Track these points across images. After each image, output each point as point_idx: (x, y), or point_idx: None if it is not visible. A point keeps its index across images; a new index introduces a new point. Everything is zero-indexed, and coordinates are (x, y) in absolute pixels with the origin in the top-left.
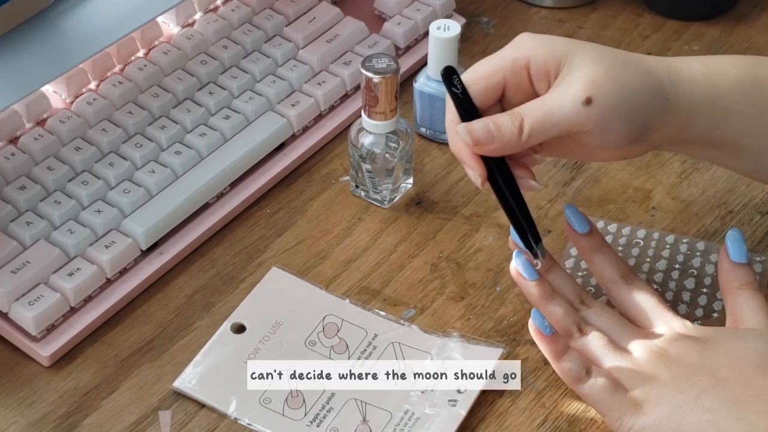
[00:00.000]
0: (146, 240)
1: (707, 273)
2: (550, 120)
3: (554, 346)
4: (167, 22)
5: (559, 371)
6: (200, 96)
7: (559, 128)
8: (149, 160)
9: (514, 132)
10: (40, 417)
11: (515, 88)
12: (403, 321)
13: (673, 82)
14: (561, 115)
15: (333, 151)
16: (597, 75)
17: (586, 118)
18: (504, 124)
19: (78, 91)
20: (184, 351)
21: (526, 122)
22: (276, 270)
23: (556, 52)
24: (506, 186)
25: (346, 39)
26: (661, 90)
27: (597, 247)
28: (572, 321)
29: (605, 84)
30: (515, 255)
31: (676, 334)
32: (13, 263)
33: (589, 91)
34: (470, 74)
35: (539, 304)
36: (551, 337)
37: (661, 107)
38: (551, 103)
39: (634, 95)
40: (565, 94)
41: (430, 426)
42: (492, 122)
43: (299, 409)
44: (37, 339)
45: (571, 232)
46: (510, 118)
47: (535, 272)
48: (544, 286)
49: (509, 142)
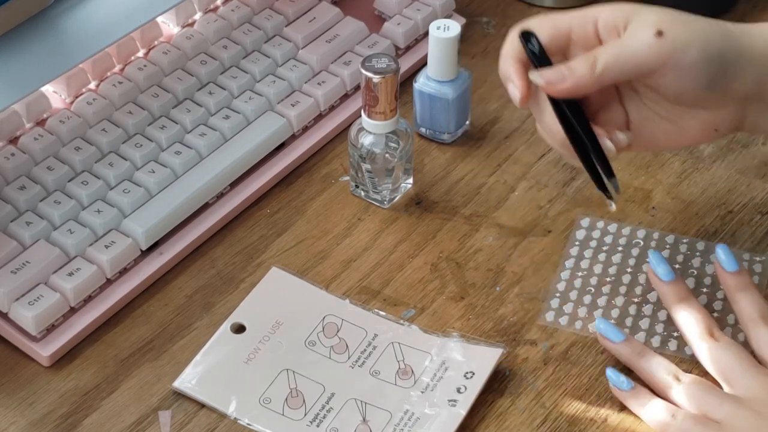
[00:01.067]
0: (146, 240)
1: (707, 273)
2: (624, 54)
3: (635, 400)
4: (167, 22)
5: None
6: (200, 96)
7: (633, 63)
8: (149, 160)
9: (586, 69)
10: (40, 417)
11: (581, 41)
12: (403, 321)
13: (743, 31)
14: (634, 49)
15: (333, 151)
16: (665, 15)
17: (658, 50)
18: (576, 64)
19: (78, 91)
20: (184, 351)
21: (600, 58)
22: (276, 270)
23: (624, 9)
24: (579, 124)
25: (346, 39)
26: (731, 35)
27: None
28: (667, 371)
29: (675, 21)
30: (597, 321)
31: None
32: (13, 263)
33: (660, 26)
34: (537, 20)
35: (631, 362)
36: (631, 391)
37: (735, 51)
38: (624, 41)
39: (703, 33)
40: (637, 32)
41: (430, 426)
42: (564, 66)
43: (299, 409)
44: (37, 339)
45: (654, 278)
46: (583, 58)
47: (621, 333)
48: (632, 343)
49: (582, 78)
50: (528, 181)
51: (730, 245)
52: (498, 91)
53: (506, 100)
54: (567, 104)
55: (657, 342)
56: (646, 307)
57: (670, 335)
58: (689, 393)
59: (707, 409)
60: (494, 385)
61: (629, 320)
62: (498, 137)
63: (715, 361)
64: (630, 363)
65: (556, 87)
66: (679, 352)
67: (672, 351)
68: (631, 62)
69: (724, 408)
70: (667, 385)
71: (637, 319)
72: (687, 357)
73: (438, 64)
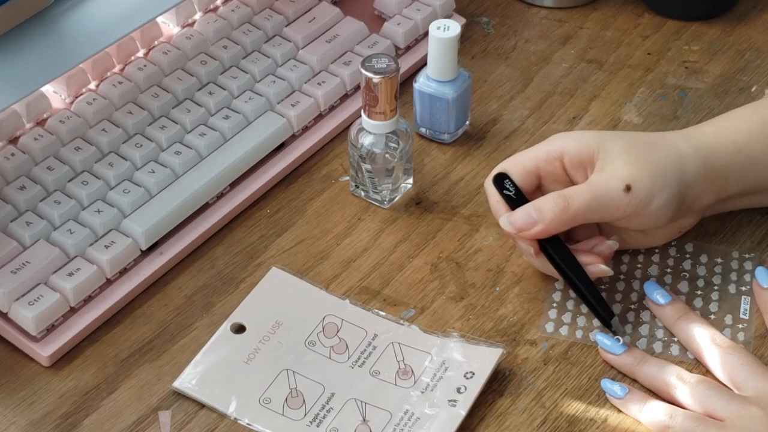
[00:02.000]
0: (146, 240)
1: (699, 275)
2: (595, 203)
3: (632, 404)
4: (167, 22)
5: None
6: (200, 96)
7: (603, 212)
8: (149, 160)
9: (556, 212)
10: (40, 417)
11: (551, 177)
12: (403, 321)
13: (697, 149)
14: (606, 200)
15: (333, 151)
16: (632, 164)
17: (627, 203)
18: (545, 206)
19: (78, 91)
20: (184, 351)
21: (573, 203)
22: (276, 270)
23: (588, 143)
24: (568, 266)
25: (346, 39)
26: (688, 162)
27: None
28: (670, 373)
29: (641, 171)
30: (597, 334)
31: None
32: (13, 263)
33: (629, 180)
34: (506, 163)
35: (634, 372)
36: (627, 396)
37: (696, 175)
38: (597, 189)
39: (664, 178)
40: (608, 182)
41: (430, 426)
42: (533, 207)
43: (299, 409)
44: (37, 339)
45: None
46: (552, 199)
47: (620, 346)
48: (633, 353)
49: (552, 222)
50: None
51: (730, 245)
52: (498, 91)
53: (506, 100)
54: (549, 243)
55: (659, 348)
56: (644, 313)
57: (672, 340)
58: (695, 392)
59: (714, 407)
60: (494, 385)
61: (628, 327)
62: (498, 137)
63: (722, 366)
64: (633, 373)
65: (528, 233)
66: (682, 356)
67: (675, 356)
68: (601, 211)
69: (731, 406)
70: (672, 386)
71: (636, 325)
72: (690, 360)
73: (438, 64)
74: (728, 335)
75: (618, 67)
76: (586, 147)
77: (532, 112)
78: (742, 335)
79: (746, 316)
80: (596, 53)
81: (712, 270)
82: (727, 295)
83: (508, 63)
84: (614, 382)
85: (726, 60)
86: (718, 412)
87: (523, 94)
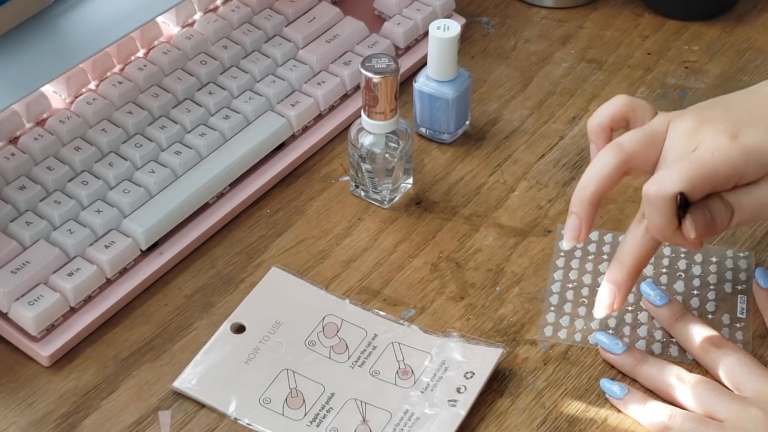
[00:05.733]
0: (146, 240)
1: (695, 274)
2: (760, 215)
3: (632, 405)
4: (167, 22)
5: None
6: (200, 96)
7: (763, 215)
8: (149, 160)
9: (725, 220)
10: (40, 417)
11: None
12: (403, 321)
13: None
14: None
15: (333, 151)
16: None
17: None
18: (718, 213)
19: (78, 91)
20: (184, 351)
21: (737, 215)
22: (276, 270)
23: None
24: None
25: (346, 39)
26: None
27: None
28: (670, 373)
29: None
30: (597, 334)
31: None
32: (13, 263)
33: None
34: (685, 185)
35: (634, 372)
36: (626, 397)
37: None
38: (757, 196)
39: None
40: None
41: (430, 426)
42: (709, 214)
43: (299, 409)
44: (37, 339)
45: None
46: (722, 207)
47: (621, 344)
48: (633, 353)
49: (720, 230)
50: (528, 181)
51: (730, 245)
52: (498, 91)
53: (506, 100)
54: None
55: (658, 349)
56: (642, 314)
57: (670, 341)
58: (695, 393)
59: (714, 408)
60: (494, 385)
61: (627, 329)
62: (498, 137)
63: (721, 367)
64: (632, 373)
65: (703, 237)
66: (681, 357)
67: (674, 357)
68: (763, 212)
69: (731, 407)
70: (672, 387)
71: (634, 327)
72: (689, 361)
73: (438, 64)
74: (726, 335)
75: (618, 67)
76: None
77: (532, 112)
78: (740, 335)
79: (744, 315)
80: (596, 53)
81: (707, 269)
82: (723, 295)
83: (508, 63)
84: (614, 382)
85: (726, 60)
86: (718, 412)
87: (523, 94)
